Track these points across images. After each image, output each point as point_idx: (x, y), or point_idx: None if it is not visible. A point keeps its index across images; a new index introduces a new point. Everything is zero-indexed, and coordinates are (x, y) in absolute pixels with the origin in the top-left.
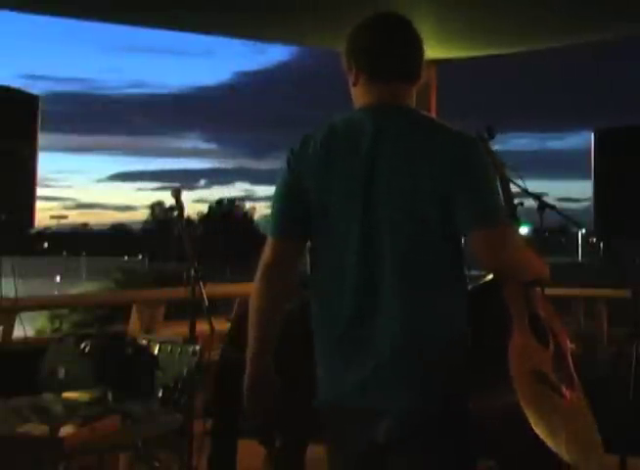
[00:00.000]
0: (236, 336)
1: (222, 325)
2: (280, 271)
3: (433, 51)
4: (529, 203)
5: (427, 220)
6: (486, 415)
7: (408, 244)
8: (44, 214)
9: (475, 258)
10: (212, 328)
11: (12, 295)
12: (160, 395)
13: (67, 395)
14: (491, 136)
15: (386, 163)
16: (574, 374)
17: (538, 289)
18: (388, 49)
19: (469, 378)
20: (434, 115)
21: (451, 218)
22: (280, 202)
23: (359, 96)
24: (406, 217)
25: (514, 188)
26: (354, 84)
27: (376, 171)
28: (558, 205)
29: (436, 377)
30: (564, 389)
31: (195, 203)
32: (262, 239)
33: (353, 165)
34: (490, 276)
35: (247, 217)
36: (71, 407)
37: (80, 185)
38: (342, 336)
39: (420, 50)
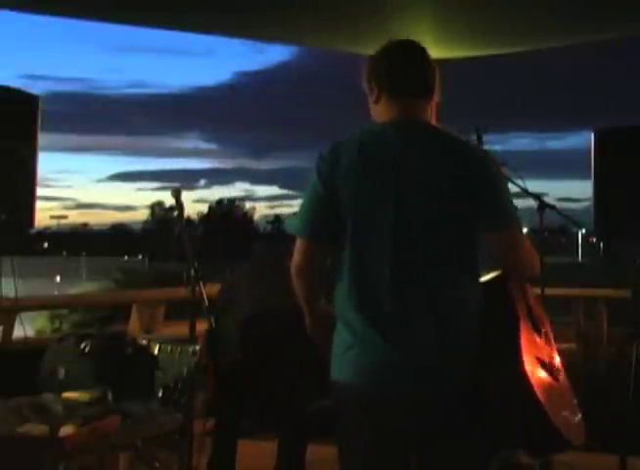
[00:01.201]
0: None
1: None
2: (312, 271)
3: (433, 51)
4: (530, 203)
5: (453, 221)
6: (503, 398)
7: (439, 243)
8: (44, 214)
9: (493, 256)
10: (212, 328)
11: (12, 295)
12: (160, 395)
13: (67, 395)
14: (480, 137)
15: (413, 171)
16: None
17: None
18: (408, 70)
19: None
20: (434, 114)
21: (471, 221)
22: (312, 206)
23: (382, 112)
24: (435, 219)
25: (514, 188)
26: (376, 102)
27: (405, 179)
28: (558, 205)
29: (466, 365)
30: (557, 372)
31: (195, 203)
32: (262, 237)
33: (385, 175)
34: (489, 275)
35: (247, 217)
36: (71, 407)
37: (80, 185)
38: (382, 325)
39: (434, 70)
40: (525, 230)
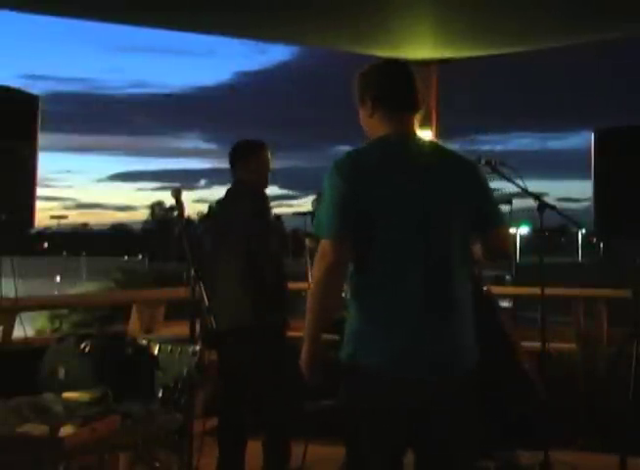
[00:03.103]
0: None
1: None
2: (342, 269)
3: (433, 51)
4: (530, 203)
5: (463, 222)
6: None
7: (453, 242)
8: (44, 214)
9: (498, 248)
10: (212, 328)
11: (12, 295)
12: (160, 395)
13: (67, 395)
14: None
15: (425, 178)
16: None
17: None
18: (404, 87)
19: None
20: (434, 114)
21: (470, 224)
22: (339, 209)
23: (377, 126)
24: (451, 219)
25: (514, 188)
26: (371, 116)
27: (423, 186)
28: (558, 205)
29: (473, 354)
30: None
31: (195, 203)
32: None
33: (404, 183)
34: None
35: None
36: (71, 407)
37: (80, 185)
38: (412, 322)
39: (419, 87)
40: (527, 230)
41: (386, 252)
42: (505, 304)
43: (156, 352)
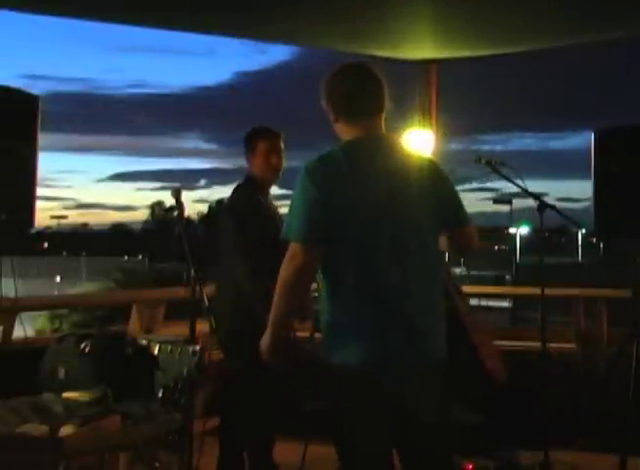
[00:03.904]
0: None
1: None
2: (310, 271)
3: (433, 51)
4: (530, 203)
5: (433, 222)
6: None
7: (425, 240)
8: (44, 214)
9: (466, 246)
10: (212, 328)
11: (12, 295)
12: (160, 395)
13: (67, 395)
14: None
15: (395, 180)
16: None
17: None
18: (363, 94)
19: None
20: (434, 114)
21: (439, 222)
22: (309, 213)
23: (343, 131)
24: (421, 219)
25: (514, 188)
26: (336, 121)
27: (393, 187)
28: (558, 205)
29: (443, 342)
30: None
31: (195, 203)
32: None
33: (373, 186)
34: None
35: None
36: (71, 407)
37: (80, 185)
38: (392, 318)
39: (384, 88)
40: (527, 230)
41: (360, 253)
42: (505, 304)
43: (156, 352)
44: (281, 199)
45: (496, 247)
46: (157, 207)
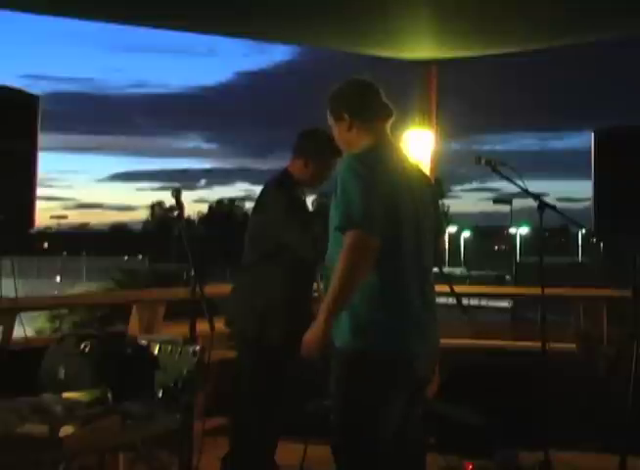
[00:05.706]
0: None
1: (222, 325)
2: (373, 260)
3: (433, 51)
4: (530, 203)
5: (432, 233)
6: None
7: (430, 248)
8: (44, 214)
9: (438, 253)
10: (212, 328)
11: (12, 295)
12: (161, 395)
13: (67, 395)
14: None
15: (413, 187)
16: None
17: None
18: (373, 100)
19: None
20: (434, 115)
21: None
22: (374, 207)
23: (356, 138)
24: (429, 226)
25: (514, 188)
26: (349, 129)
27: (413, 193)
28: (558, 205)
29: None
30: None
31: (195, 203)
32: None
33: (404, 189)
34: None
35: (247, 217)
36: (71, 407)
37: (81, 185)
38: (411, 309)
39: (386, 99)
40: (527, 230)
41: (398, 252)
42: (505, 304)
43: (156, 352)
44: None
45: (496, 247)
46: (157, 207)
